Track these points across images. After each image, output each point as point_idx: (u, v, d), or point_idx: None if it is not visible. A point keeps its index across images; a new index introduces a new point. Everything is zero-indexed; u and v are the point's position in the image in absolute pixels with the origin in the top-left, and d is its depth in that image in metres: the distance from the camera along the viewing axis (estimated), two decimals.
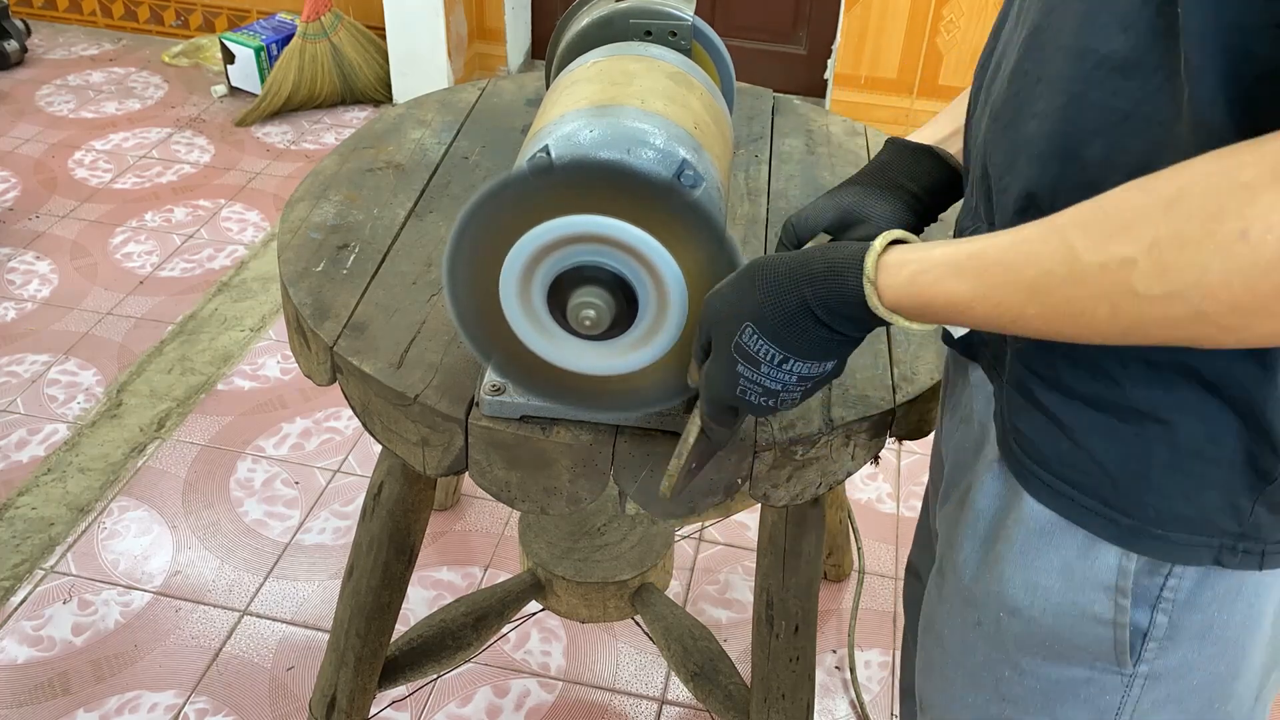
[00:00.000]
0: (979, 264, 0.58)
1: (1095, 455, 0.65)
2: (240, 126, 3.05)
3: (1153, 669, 0.69)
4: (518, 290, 0.75)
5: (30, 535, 1.80)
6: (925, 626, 0.83)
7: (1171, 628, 0.67)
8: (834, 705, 1.63)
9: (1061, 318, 0.55)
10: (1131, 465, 0.64)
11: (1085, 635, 0.69)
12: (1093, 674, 0.71)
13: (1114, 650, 0.69)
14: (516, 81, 1.45)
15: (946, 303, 0.59)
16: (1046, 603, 0.69)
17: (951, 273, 0.59)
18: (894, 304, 0.61)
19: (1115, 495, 0.65)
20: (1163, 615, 0.67)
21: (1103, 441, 0.65)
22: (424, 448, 0.93)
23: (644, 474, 0.89)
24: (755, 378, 0.67)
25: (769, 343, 0.66)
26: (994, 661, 0.75)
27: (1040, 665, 0.72)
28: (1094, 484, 0.66)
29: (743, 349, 0.66)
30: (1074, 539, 0.67)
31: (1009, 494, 0.71)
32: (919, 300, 0.60)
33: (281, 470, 1.97)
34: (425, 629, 1.36)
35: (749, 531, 1.89)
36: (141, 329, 2.28)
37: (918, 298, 0.60)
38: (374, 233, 1.12)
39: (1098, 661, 0.70)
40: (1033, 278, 0.55)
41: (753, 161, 1.29)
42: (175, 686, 1.59)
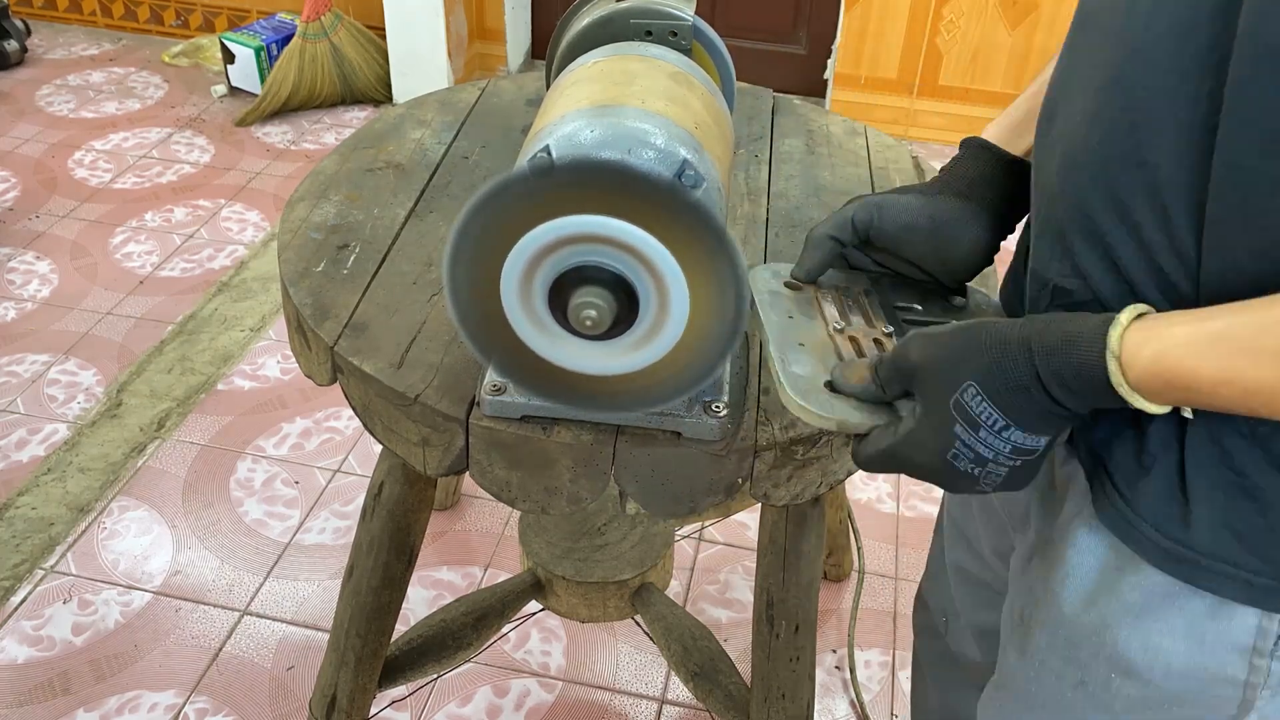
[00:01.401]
0: (1227, 345, 0.55)
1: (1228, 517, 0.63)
2: (240, 126, 3.05)
3: (1263, 715, 0.68)
4: (519, 290, 0.75)
5: (30, 535, 1.80)
6: (1001, 684, 0.80)
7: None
8: (834, 705, 1.63)
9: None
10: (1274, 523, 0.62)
11: (1212, 695, 0.67)
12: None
13: (1238, 707, 0.67)
14: (516, 81, 1.45)
15: (1191, 382, 0.57)
16: (1169, 666, 0.67)
17: (1197, 352, 0.56)
18: (1136, 382, 0.58)
19: (1250, 557, 0.63)
20: (1277, 663, 0.65)
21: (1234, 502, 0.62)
22: (424, 448, 0.93)
23: (646, 473, 0.89)
24: (970, 441, 0.64)
25: (992, 406, 0.62)
26: None
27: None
28: (1224, 547, 0.63)
29: (963, 409, 0.63)
30: (1202, 601, 0.65)
31: (1117, 556, 0.68)
32: (1164, 381, 0.57)
33: (281, 470, 1.97)
34: (425, 629, 1.36)
35: (749, 531, 1.90)
36: (141, 329, 2.28)
37: (1163, 378, 0.57)
38: (374, 233, 1.12)
39: (1211, 715, 0.68)
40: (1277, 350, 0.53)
41: (753, 161, 1.29)
42: (175, 686, 1.59)
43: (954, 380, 0.63)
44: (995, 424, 0.63)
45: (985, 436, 0.63)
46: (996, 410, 0.62)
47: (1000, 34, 2.97)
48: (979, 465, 0.65)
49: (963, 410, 0.63)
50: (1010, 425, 0.63)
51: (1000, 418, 0.63)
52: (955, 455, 0.65)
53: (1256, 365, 0.54)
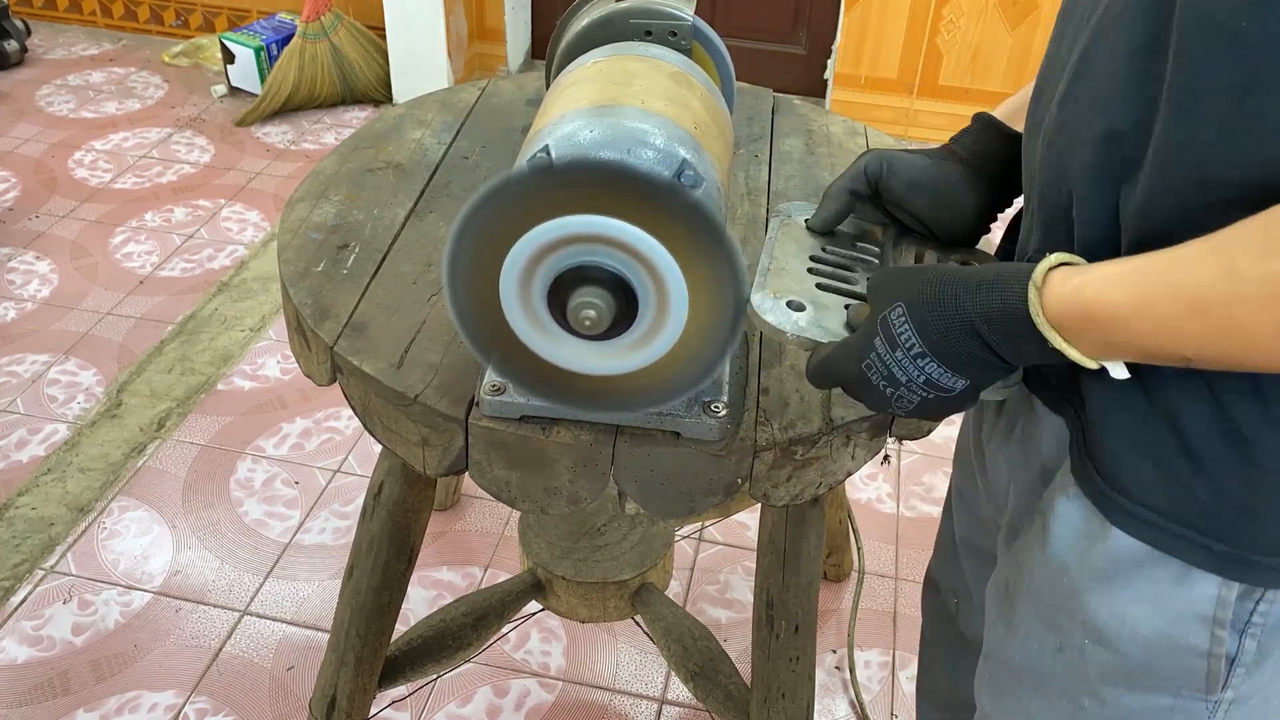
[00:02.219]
0: (1141, 277, 0.58)
1: (1190, 484, 0.64)
2: (240, 126, 3.05)
3: (1238, 694, 0.69)
4: (518, 290, 0.75)
5: (30, 535, 1.81)
6: (989, 652, 0.82)
7: (1260, 653, 0.67)
8: (834, 705, 1.63)
9: (1223, 332, 0.55)
10: (1233, 492, 0.63)
11: (1177, 666, 0.68)
12: (1177, 702, 0.70)
13: (1205, 680, 0.68)
14: (516, 81, 1.45)
15: (1107, 314, 0.59)
16: (1136, 634, 0.68)
17: (1114, 284, 0.59)
18: (1056, 317, 0.61)
19: (1212, 524, 0.64)
20: (1251, 640, 0.66)
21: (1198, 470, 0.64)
22: (424, 447, 0.93)
23: (645, 473, 0.89)
24: (886, 359, 0.67)
25: (914, 330, 0.65)
26: (1073, 690, 0.74)
27: (1123, 695, 0.71)
28: (1187, 513, 0.65)
29: (887, 326, 0.66)
30: (1167, 569, 0.66)
31: (1091, 523, 0.69)
32: (1081, 311, 0.60)
33: (281, 470, 1.97)
34: (425, 629, 1.36)
35: (749, 531, 1.90)
36: (141, 329, 2.28)
37: (1081, 307, 0.60)
38: (374, 233, 1.12)
39: (1184, 689, 0.69)
40: (1194, 290, 0.55)
41: (753, 161, 1.29)
42: (175, 686, 1.59)
43: (889, 299, 0.67)
44: (912, 348, 0.66)
45: (900, 358, 0.66)
46: (916, 335, 0.65)
47: (1000, 34, 2.97)
48: (891, 385, 0.68)
49: (886, 326, 0.67)
50: (927, 355, 0.65)
51: (918, 343, 0.65)
52: (869, 366, 0.68)
53: (1165, 295, 0.56)
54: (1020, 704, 0.79)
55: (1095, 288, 0.59)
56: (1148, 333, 0.58)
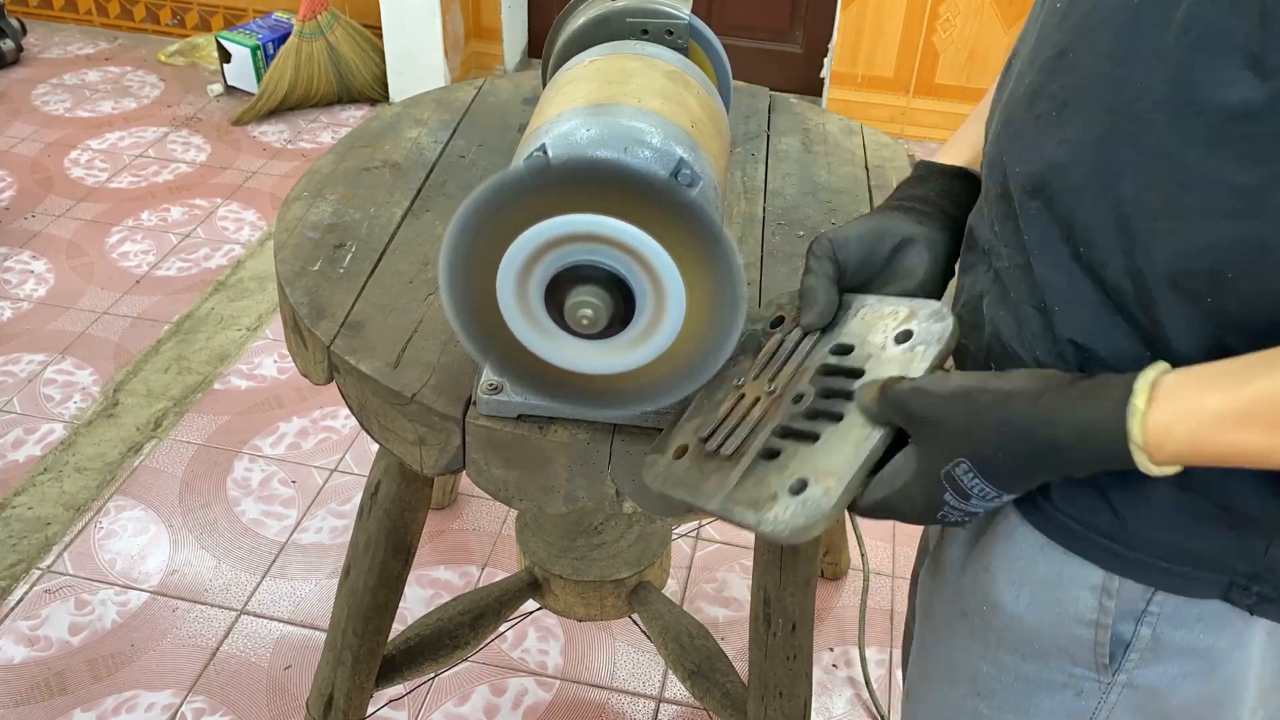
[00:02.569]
0: (1270, 409, 0.53)
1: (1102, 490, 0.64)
2: (236, 125, 3.05)
3: (1132, 679, 0.69)
4: (515, 289, 0.75)
5: (27, 535, 1.80)
6: (923, 615, 0.84)
7: (1155, 640, 0.67)
8: (831, 703, 1.63)
9: None
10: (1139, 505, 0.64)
11: (1066, 635, 0.69)
12: (1070, 678, 0.71)
13: (1094, 654, 0.69)
14: (513, 80, 1.45)
15: (1237, 454, 0.55)
16: (1031, 599, 0.70)
17: (1236, 425, 0.54)
18: (1167, 462, 0.57)
19: (1121, 531, 0.65)
20: (1146, 628, 0.67)
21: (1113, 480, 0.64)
22: (421, 446, 0.93)
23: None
24: (960, 506, 0.64)
25: (987, 484, 0.62)
26: (973, 655, 0.76)
27: (1019, 663, 0.73)
28: (1095, 518, 0.65)
29: (955, 482, 0.62)
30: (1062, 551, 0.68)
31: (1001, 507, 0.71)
32: (1203, 456, 0.55)
33: (278, 469, 1.97)
34: (423, 628, 1.36)
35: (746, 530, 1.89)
36: (138, 328, 2.28)
37: (1200, 454, 0.55)
38: (370, 232, 1.12)
39: (1076, 666, 0.70)
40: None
41: (749, 160, 1.29)
42: (172, 686, 1.59)
43: (948, 452, 0.62)
44: (987, 495, 0.63)
45: (976, 503, 0.64)
46: (989, 485, 0.62)
47: (996, 33, 2.97)
48: (969, 516, 0.65)
49: (953, 482, 0.63)
50: (1002, 494, 0.63)
51: (992, 490, 0.63)
52: (944, 515, 0.65)
53: None
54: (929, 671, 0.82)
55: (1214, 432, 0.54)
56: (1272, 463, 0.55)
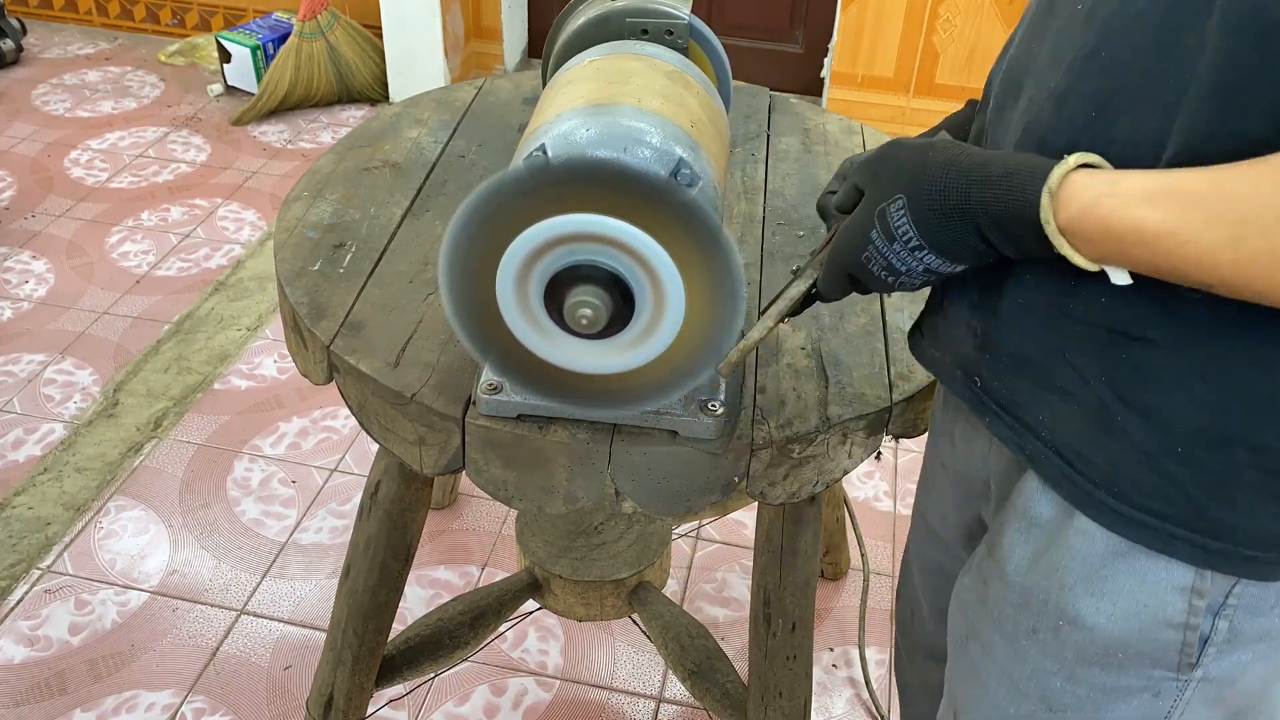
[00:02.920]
0: (1178, 196, 0.54)
1: (1176, 477, 0.64)
2: (236, 125, 3.05)
3: (1208, 673, 0.69)
4: (514, 289, 0.75)
5: (27, 535, 1.80)
6: (969, 634, 0.81)
7: (1232, 632, 0.67)
8: (831, 703, 1.63)
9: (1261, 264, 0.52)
10: (1220, 488, 0.63)
11: (1153, 641, 0.68)
12: (1149, 681, 0.70)
13: (1179, 656, 0.68)
14: (513, 80, 1.45)
15: (1131, 231, 0.56)
16: (1114, 609, 0.68)
17: (1143, 200, 0.55)
18: (1067, 225, 0.58)
19: (1197, 518, 0.64)
20: (1224, 621, 0.67)
21: (1185, 466, 0.63)
22: (421, 446, 0.93)
23: (642, 472, 0.89)
24: (885, 251, 0.65)
25: (912, 226, 0.63)
26: (1045, 671, 0.74)
27: (1097, 674, 0.71)
28: (1174, 510, 0.64)
29: (885, 219, 0.64)
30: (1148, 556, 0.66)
31: (1063, 509, 0.69)
32: (1100, 225, 0.57)
33: (278, 469, 1.97)
34: (422, 628, 1.36)
35: (746, 530, 1.90)
36: (138, 328, 2.28)
37: (1100, 222, 0.57)
38: (370, 231, 1.12)
39: (1157, 669, 0.69)
40: (1237, 218, 0.52)
41: (749, 160, 1.29)
42: (172, 686, 1.59)
43: (890, 189, 0.64)
44: (910, 242, 0.64)
45: (898, 249, 0.65)
46: (914, 229, 0.63)
47: (996, 32, 2.97)
48: (891, 274, 0.67)
49: (884, 219, 0.65)
50: (925, 248, 0.64)
51: (916, 237, 0.64)
52: (868, 259, 0.67)
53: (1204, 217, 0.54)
54: (988, 689, 0.79)
55: (1119, 201, 0.56)
56: (1174, 255, 0.55)
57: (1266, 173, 0.52)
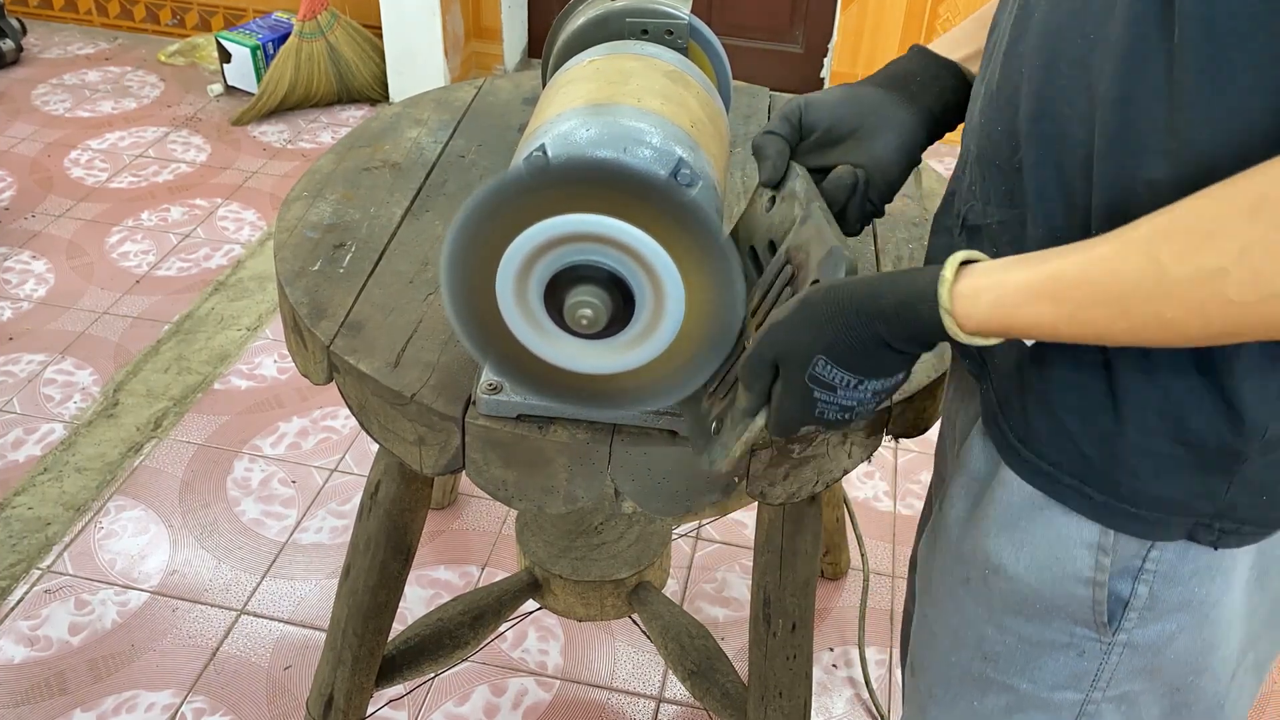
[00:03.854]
0: (1060, 285, 0.58)
1: (1072, 434, 0.67)
2: (236, 125, 3.05)
3: (1131, 638, 0.71)
4: (514, 289, 0.75)
5: (27, 535, 1.80)
6: (923, 588, 0.85)
7: (1152, 599, 0.69)
8: (831, 703, 1.63)
9: (1150, 330, 0.56)
10: (1106, 446, 0.66)
11: (1066, 594, 0.71)
12: (1072, 639, 0.73)
13: (1093, 613, 0.71)
14: (513, 80, 1.45)
15: (1030, 325, 0.60)
16: (1031, 560, 0.71)
17: (1031, 298, 0.59)
18: (974, 331, 0.62)
19: (1091, 474, 0.67)
20: (1144, 586, 0.69)
21: (1079, 422, 0.66)
22: (421, 446, 0.93)
23: (642, 472, 0.89)
24: (832, 400, 0.68)
25: (844, 371, 0.66)
26: (978, 619, 0.77)
27: (1022, 625, 0.74)
28: (1072, 463, 0.68)
29: (818, 379, 0.67)
30: (1058, 510, 0.70)
31: (992, 465, 0.73)
32: (1001, 326, 0.61)
33: (278, 469, 1.97)
34: (422, 628, 1.36)
35: (746, 529, 1.90)
36: (138, 328, 2.28)
37: (1000, 324, 0.61)
38: (370, 231, 1.12)
39: (1078, 626, 0.72)
40: (1119, 294, 0.55)
41: (749, 160, 1.29)
42: (172, 686, 1.59)
43: (806, 357, 0.67)
44: (849, 383, 0.67)
45: (844, 394, 0.67)
46: (848, 373, 0.66)
47: None
48: (845, 413, 0.69)
49: (817, 380, 0.67)
50: (863, 380, 0.67)
51: (852, 377, 0.66)
52: (821, 412, 0.69)
53: (1089, 301, 0.57)
54: (934, 640, 0.83)
55: (1011, 303, 0.60)
56: (1073, 335, 0.59)
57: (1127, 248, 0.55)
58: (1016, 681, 0.76)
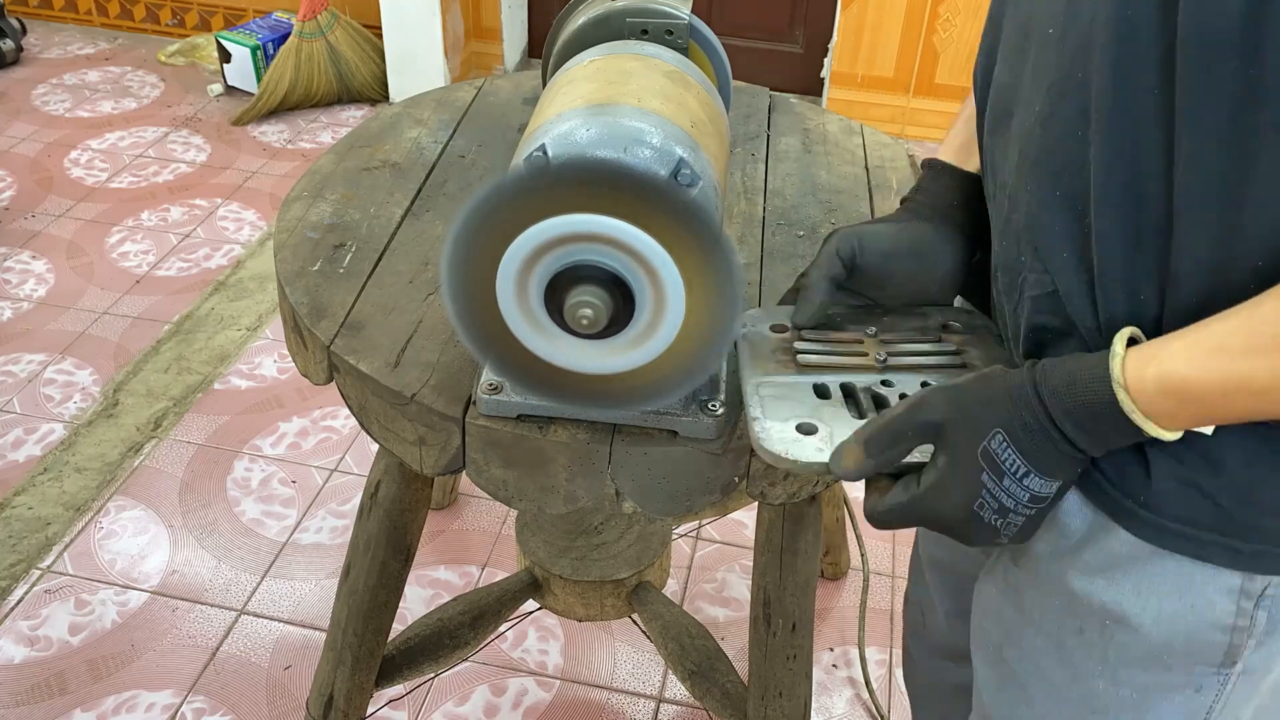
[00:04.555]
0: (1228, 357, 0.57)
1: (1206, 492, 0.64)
2: (236, 125, 3.05)
3: (1247, 665, 0.69)
4: (515, 289, 0.75)
5: (27, 535, 1.80)
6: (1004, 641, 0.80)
7: (1270, 623, 0.67)
8: (831, 703, 1.63)
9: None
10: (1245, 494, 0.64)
11: (1202, 642, 0.68)
12: (1192, 678, 0.70)
13: (1225, 655, 0.68)
14: (513, 80, 1.45)
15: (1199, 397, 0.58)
16: (1160, 610, 0.68)
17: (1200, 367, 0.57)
18: (1147, 409, 0.60)
19: (1232, 526, 0.64)
20: (1263, 612, 0.67)
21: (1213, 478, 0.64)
22: (421, 446, 0.93)
23: (642, 472, 0.89)
24: (995, 491, 0.65)
25: (1016, 453, 0.63)
26: (1087, 673, 0.73)
27: (1139, 674, 0.71)
28: (1207, 518, 0.65)
29: (991, 457, 0.64)
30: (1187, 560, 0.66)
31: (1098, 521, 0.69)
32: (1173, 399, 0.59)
33: (278, 469, 1.97)
34: (423, 628, 1.36)
35: (746, 530, 1.90)
36: (138, 328, 2.28)
37: (1171, 396, 0.59)
38: (370, 231, 1.12)
39: (1199, 665, 0.69)
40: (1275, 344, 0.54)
41: (749, 160, 1.29)
42: (172, 686, 1.59)
43: (982, 428, 0.64)
44: (1018, 471, 0.64)
45: (1009, 485, 0.64)
46: (1019, 456, 0.63)
47: None
48: (1001, 515, 0.65)
49: (990, 458, 0.64)
50: (1031, 471, 0.64)
51: (1023, 464, 0.63)
52: (981, 505, 0.65)
53: (1255, 367, 0.55)
54: (1027, 696, 0.78)
55: (1181, 372, 0.58)
56: (1246, 405, 0.57)
57: None
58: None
